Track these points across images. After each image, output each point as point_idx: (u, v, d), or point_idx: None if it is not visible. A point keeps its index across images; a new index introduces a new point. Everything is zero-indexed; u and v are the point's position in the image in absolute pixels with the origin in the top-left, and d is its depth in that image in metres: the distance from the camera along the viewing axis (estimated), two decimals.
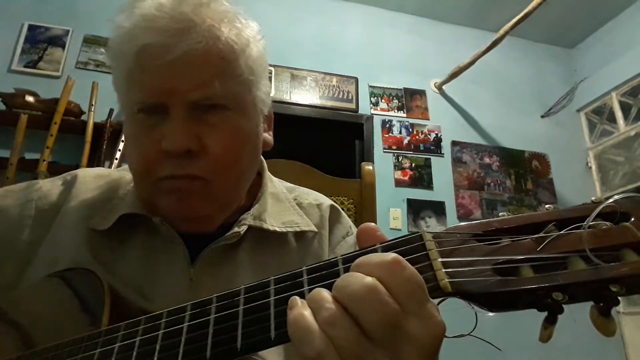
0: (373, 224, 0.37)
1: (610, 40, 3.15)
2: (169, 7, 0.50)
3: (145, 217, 0.56)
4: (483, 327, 0.32)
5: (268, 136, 0.63)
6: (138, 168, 0.54)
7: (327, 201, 0.69)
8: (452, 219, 2.69)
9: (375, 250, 0.34)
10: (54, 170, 2.02)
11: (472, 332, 0.32)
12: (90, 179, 0.63)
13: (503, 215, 0.35)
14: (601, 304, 0.29)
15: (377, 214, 1.05)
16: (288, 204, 0.65)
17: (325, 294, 0.31)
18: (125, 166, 0.66)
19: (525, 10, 2.36)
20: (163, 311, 0.39)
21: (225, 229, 0.57)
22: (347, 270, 0.33)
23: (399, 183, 2.72)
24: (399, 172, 2.75)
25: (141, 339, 0.38)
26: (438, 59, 3.12)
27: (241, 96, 0.54)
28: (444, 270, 0.32)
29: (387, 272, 0.30)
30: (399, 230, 2.57)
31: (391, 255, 0.31)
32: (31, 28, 2.46)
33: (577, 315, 0.33)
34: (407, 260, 0.31)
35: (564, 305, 0.29)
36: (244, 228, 0.57)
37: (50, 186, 0.61)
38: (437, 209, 2.70)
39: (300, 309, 0.31)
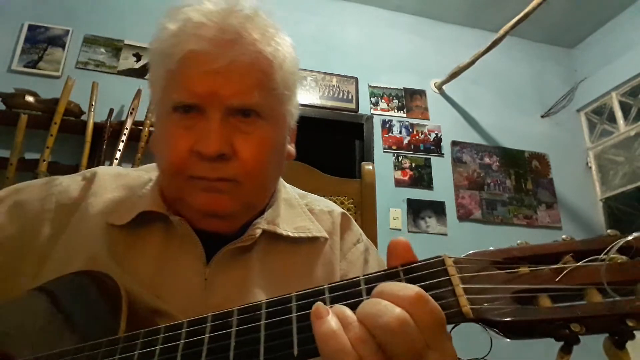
0: (405, 240, 0.37)
1: (610, 40, 3.15)
2: (217, 17, 0.53)
3: (164, 216, 0.57)
4: (495, 351, 0.33)
5: (291, 148, 0.65)
6: (169, 166, 0.55)
7: (338, 209, 0.71)
8: (452, 219, 2.69)
9: (397, 273, 0.35)
10: (54, 170, 2.01)
11: (486, 356, 0.33)
12: (109, 177, 0.64)
13: (521, 244, 0.36)
14: (616, 337, 0.30)
15: (377, 214, 1.05)
16: (300, 209, 0.67)
17: (350, 312, 0.32)
18: (143, 166, 0.68)
19: (525, 10, 2.36)
20: (183, 321, 0.39)
21: (238, 233, 0.59)
22: (369, 290, 0.34)
23: (399, 183, 2.72)
24: (399, 172, 2.75)
25: (162, 348, 0.38)
26: (438, 59, 3.11)
27: (275, 108, 0.56)
28: (465, 296, 0.32)
29: (412, 306, 0.31)
30: (399, 230, 2.57)
31: (415, 289, 0.32)
32: (31, 28, 2.46)
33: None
34: (429, 284, 0.33)
35: (579, 336, 0.30)
36: (258, 232, 0.58)
37: (70, 182, 0.63)
38: (437, 209, 2.69)
39: (331, 323, 0.32)
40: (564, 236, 0.35)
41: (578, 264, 0.32)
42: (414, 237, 2.58)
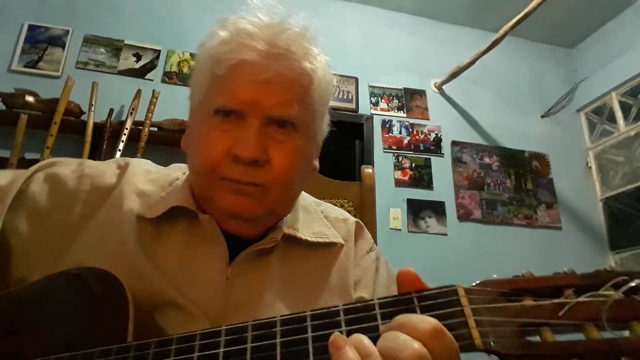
0: (412, 270, 0.39)
1: (610, 40, 3.15)
2: (270, 31, 0.57)
3: (190, 213, 0.59)
4: None
5: (316, 163, 0.68)
6: (202, 165, 0.57)
7: (352, 217, 0.74)
8: (452, 219, 2.70)
9: (411, 300, 0.37)
10: None
11: None
12: (142, 170, 0.66)
13: (526, 274, 0.38)
14: None
15: (377, 215, 1.05)
16: (317, 215, 0.70)
17: (368, 342, 0.34)
18: (171, 165, 0.70)
19: (525, 10, 2.36)
20: (196, 332, 0.39)
21: (258, 236, 0.60)
22: (384, 315, 0.36)
23: (399, 183, 2.72)
24: (399, 172, 2.75)
25: None
26: (438, 59, 3.11)
27: (309, 123, 0.60)
28: (477, 329, 0.34)
29: (430, 339, 0.33)
30: (399, 230, 2.57)
31: (433, 323, 0.34)
32: (31, 28, 2.46)
33: None
34: (443, 313, 0.35)
35: None
36: (280, 235, 0.60)
37: (105, 167, 0.65)
38: (437, 209, 2.70)
39: (349, 354, 0.33)
40: (565, 269, 0.37)
41: (578, 299, 0.34)
42: (414, 237, 2.59)
